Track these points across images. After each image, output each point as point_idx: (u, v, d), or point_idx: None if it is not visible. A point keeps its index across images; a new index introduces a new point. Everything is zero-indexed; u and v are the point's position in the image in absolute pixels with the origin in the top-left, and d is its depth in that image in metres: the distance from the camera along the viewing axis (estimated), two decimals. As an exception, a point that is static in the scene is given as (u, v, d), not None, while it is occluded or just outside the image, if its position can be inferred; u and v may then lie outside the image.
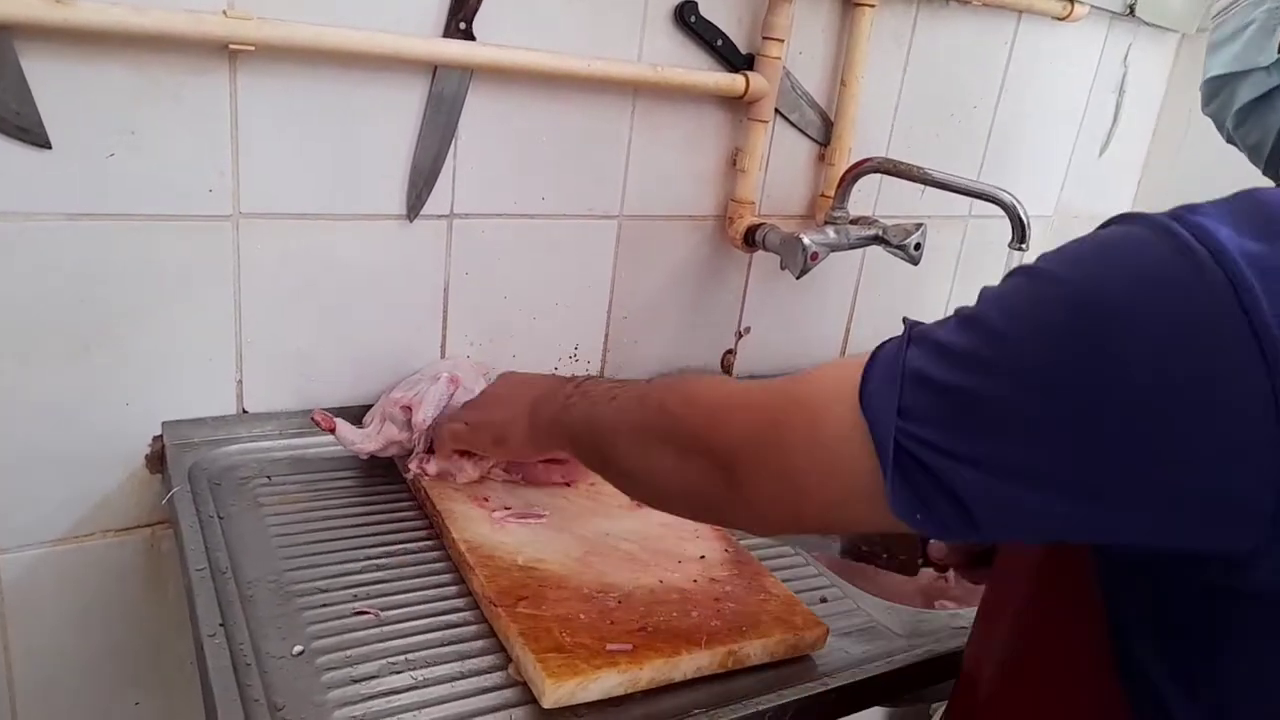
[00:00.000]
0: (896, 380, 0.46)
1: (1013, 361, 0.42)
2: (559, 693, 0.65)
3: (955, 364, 0.44)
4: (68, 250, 0.82)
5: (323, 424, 0.88)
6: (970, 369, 0.43)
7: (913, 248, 1.09)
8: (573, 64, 0.97)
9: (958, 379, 0.44)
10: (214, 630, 0.67)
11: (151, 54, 0.80)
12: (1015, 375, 0.42)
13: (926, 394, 0.45)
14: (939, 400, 0.44)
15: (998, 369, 0.43)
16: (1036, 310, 0.43)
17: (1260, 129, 0.53)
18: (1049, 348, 0.41)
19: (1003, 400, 0.42)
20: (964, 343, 0.45)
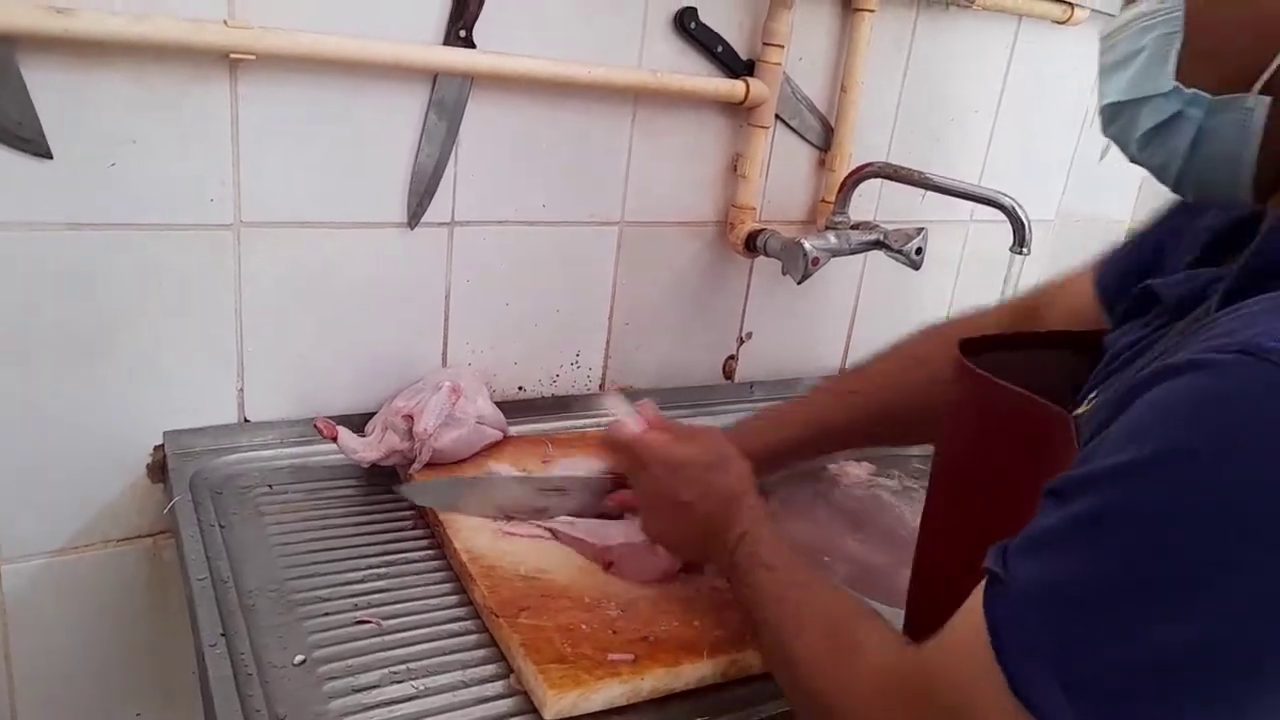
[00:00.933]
0: (1040, 658, 0.42)
1: (1185, 588, 0.39)
2: (561, 704, 0.64)
3: (1110, 608, 0.41)
4: (69, 260, 0.83)
5: (325, 432, 0.88)
6: (1159, 619, 0.40)
7: (914, 252, 1.09)
8: (573, 71, 0.97)
9: (1104, 620, 0.41)
10: (215, 640, 0.67)
11: (152, 64, 0.80)
12: (1190, 606, 0.39)
13: (1078, 656, 0.41)
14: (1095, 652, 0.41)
15: (1169, 601, 0.40)
16: (1183, 511, 0.40)
17: (1164, 152, 0.53)
18: (1215, 552, 0.39)
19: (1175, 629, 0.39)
20: (1102, 581, 0.41)
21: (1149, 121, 0.52)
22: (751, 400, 1.26)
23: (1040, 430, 0.54)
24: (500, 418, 0.97)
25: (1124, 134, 0.55)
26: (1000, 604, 0.45)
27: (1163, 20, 0.51)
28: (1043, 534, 0.44)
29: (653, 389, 1.20)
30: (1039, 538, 0.45)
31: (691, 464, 0.72)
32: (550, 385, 1.13)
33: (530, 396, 1.12)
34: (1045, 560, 0.44)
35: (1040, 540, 0.45)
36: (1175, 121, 0.51)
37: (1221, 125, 0.50)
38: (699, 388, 1.23)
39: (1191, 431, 0.40)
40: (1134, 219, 1.62)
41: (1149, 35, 0.52)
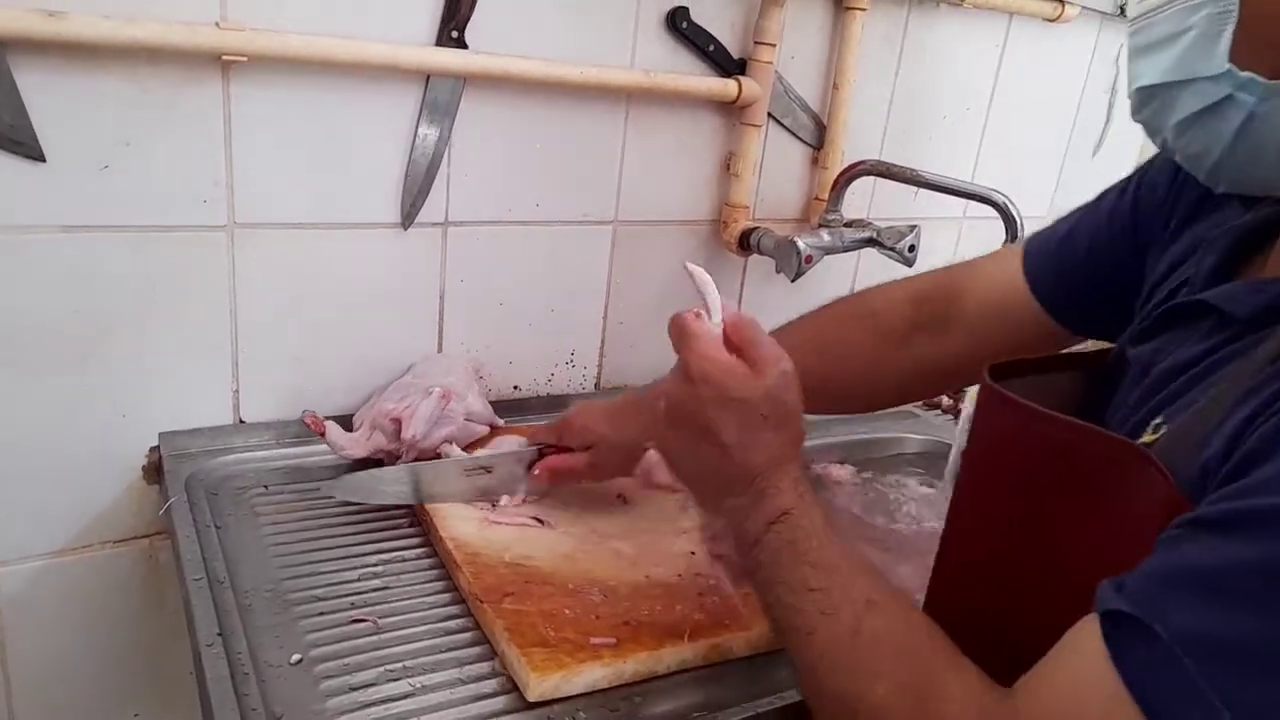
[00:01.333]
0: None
1: None
2: (543, 686, 0.65)
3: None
4: (62, 262, 0.83)
5: (313, 426, 0.88)
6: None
7: (907, 249, 1.10)
8: (565, 71, 0.97)
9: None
10: (212, 640, 0.67)
11: (145, 66, 0.80)
12: None
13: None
14: None
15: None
16: None
17: (1204, 140, 0.50)
18: None
19: None
20: (1275, 635, 0.36)
21: (1192, 105, 0.50)
22: (746, 398, 1.26)
23: (1099, 462, 0.49)
24: (489, 412, 0.97)
25: (1158, 118, 0.53)
26: (1145, 652, 0.39)
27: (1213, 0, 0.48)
28: (1203, 574, 0.39)
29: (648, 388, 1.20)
30: (1197, 577, 0.39)
31: (748, 405, 0.57)
32: (545, 384, 1.14)
33: (525, 396, 1.12)
34: (1215, 607, 0.38)
35: (1200, 581, 0.39)
36: (1223, 106, 0.48)
37: (1275, 111, 0.47)
38: (694, 386, 1.23)
39: None
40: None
41: (1197, 14, 0.49)
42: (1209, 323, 0.54)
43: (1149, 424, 0.53)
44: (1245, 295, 0.52)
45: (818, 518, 0.55)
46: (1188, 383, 0.52)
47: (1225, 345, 0.52)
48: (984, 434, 0.60)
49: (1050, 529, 0.53)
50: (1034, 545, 0.54)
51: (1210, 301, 0.54)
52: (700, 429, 0.58)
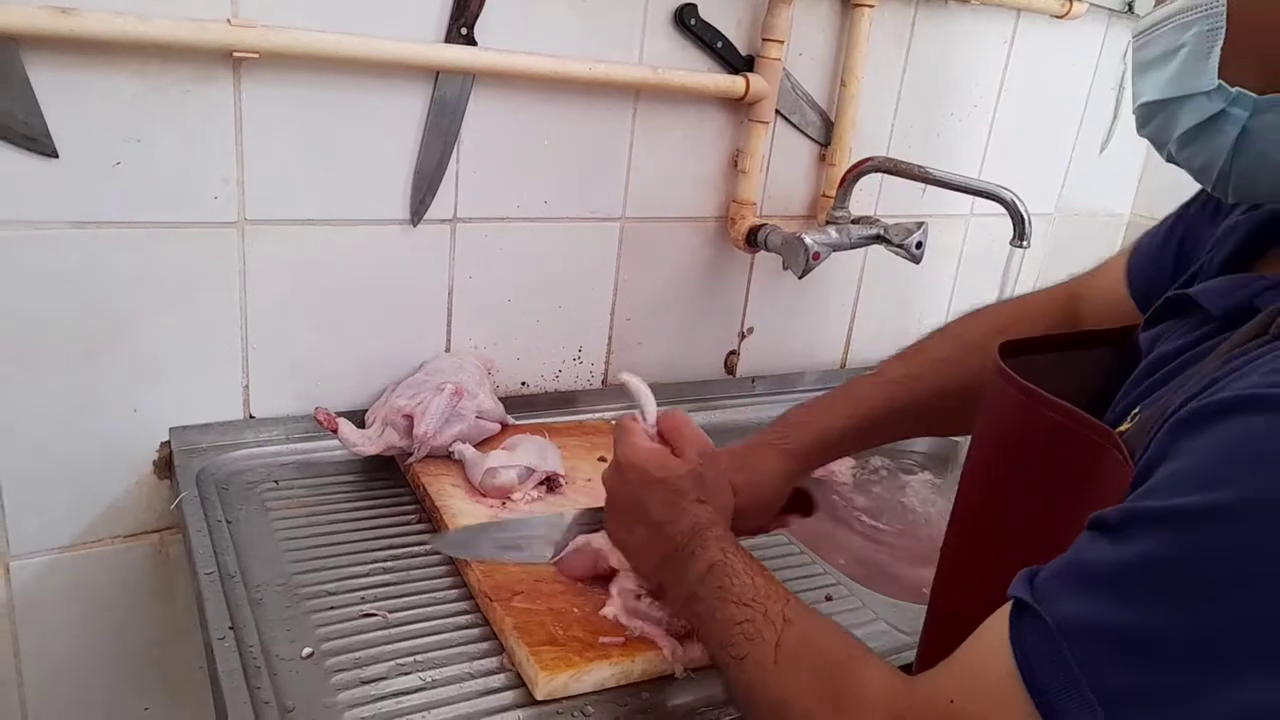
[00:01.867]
0: (1095, 706, 0.39)
1: (1220, 644, 0.37)
2: (552, 684, 0.66)
3: (1155, 660, 0.38)
4: (74, 258, 0.83)
5: (325, 423, 0.88)
6: (1181, 665, 0.38)
7: (914, 246, 1.10)
8: (574, 67, 0.97)
9: (1169, 685, 0.38)
10: (223, 633, 0.68)
11: (156, 63, 0.81)
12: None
13: (1137, 709, 0.39)
14: (1156, 712, 0.38)
15: (1232, 654, 0.37)
16: (1224, 568, 0.38)
17: (1206, 153, 0.51)
18: (1249, 604, 0.37)
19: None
20: (1151, 630, 0.39)
21: (1189, 120, 0.51)
22: (753, 395, 1.26)
23: (1083, 446, 0.52)
24: (500, 410, 0.98)
25: (1161, 133, 0.54)
26: (1034, 637, 0.42)
27: (1202, 16, 0.49)
28: (1092, 570, 0.42)
29: (655, 384, 1.20)
30: (1088, 573, 0.42)
31: (670, 483, 0.68)
32: (553, 380, 1.14)
33: (533, 392, 1.13)
34: (1099, 600, 0.41)
35: (1090, 576, 0.42)
36: (1218, 121, 0.50)
37: (1267, 125, 0.48)
38: (701, 383, 1.24)
39: (1269, 476, 0.38)
40: (1134, 212, 1.63)
41: (1189, 31, 0.50)
42: (1195, 317, 0.55)
43: (1129, 413, 0.54)
44: (1226, 291, 0.53)
45: (739, 565, 0.62)
46: (1165, 376, 0.54)
47: (1203, 340, 0.53)
48: (988, 410, 0.62)
49: (1042, 509, 0.55)
50: (1027, 525, 0.56)
51: (1193, 296, 0.55)
52: (632, 509, 0.69)
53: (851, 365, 1.39)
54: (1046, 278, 1.56)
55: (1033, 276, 1.55)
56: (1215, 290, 0.54)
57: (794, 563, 0.90)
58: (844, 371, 1.38)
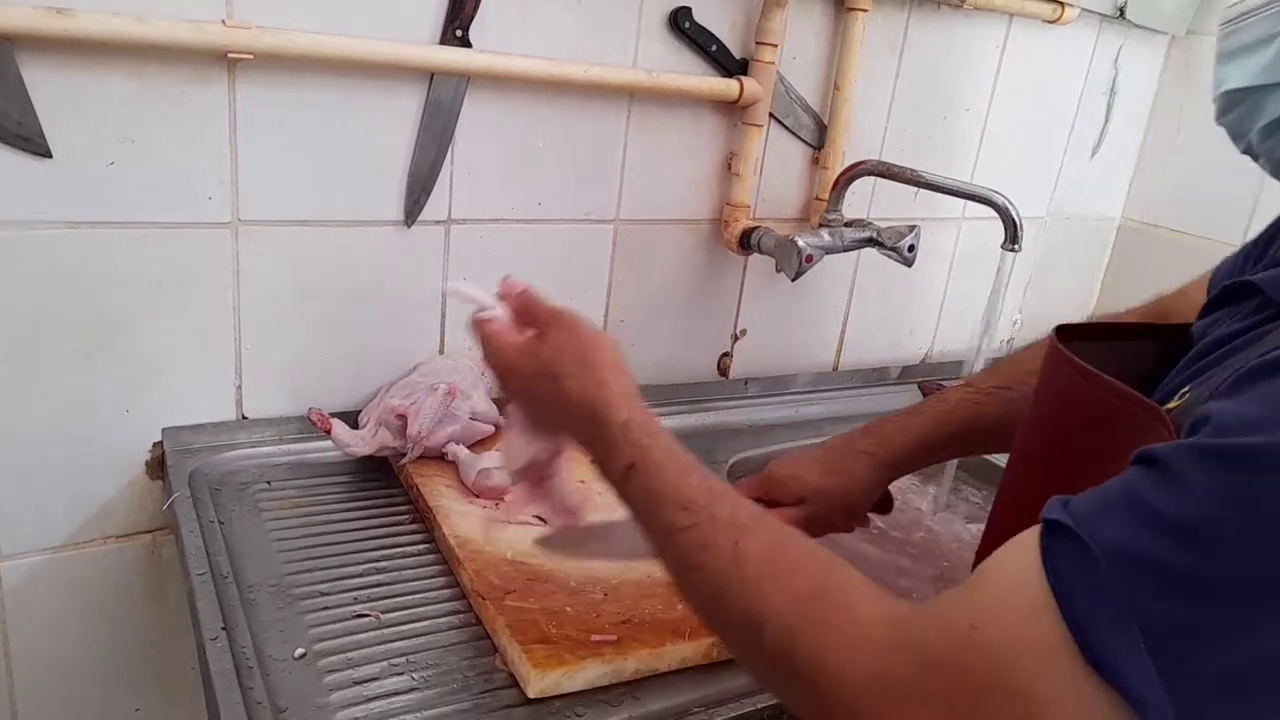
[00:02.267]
0: (1141, 640, 0.37)
1: None
2: (544, 683, 0.66)
3: (1210, 601, 0.36)
4: (68, 258, 0.83)
5: (319, 424, 0.88)
6: (1237, 609, 0.36)
7: (906, 249, 1.10)
8: (568, 70, 0.98)
9: (1225, 629, 0.36)
10: (216, 634, 0.68)
11: (151, 63, 0.81)
12: None
13: (1190, 649, 0.36)
14: (1209, 656, 0.36)
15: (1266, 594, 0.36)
16: None
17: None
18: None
19: None
20: (1208, 569, 0.36)
21: (1276, 110, 0.50)
22: (746, 397, 1.27)
23: (1130, 423, 0.49)
24: (494, 412, 0.98)
25: (1243, 123, 0.53)
26: (1072, 562, 0.39)
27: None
28: (1145, 503, 0.39)
29: (648, 385, 1.21)
30: (1141, 506, 0.39)
31: (546, 369, 0.60)
32: (546, 382, 1.14)
33: (526, 393, 1.13)
34: (1155, 534, 0.38)
35: (1143, 509, 0.39)
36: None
37: None
38: (694, 384, 1.24)
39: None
40: (1125, 216, 1.64)
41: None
42: (1255, 302, 0.54)
43: (1177, 392, 0.53)
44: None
45: (665, 458, 0.55)
46: (1219, 357, 0.52)
47: (1262, 325, 0.52)
48: (1042, 389, 0.60)
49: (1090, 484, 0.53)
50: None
51: (1255, 282, 0.54)
52: (532, 403, 0.63)
53: (844, 368, 1.40)
54: (1038, 282, 1.57)
55: (1024, 280, 1.56)
56: (1273, 276, 0.52)
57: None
58: (836, 374, 1.38)
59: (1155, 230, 1.59)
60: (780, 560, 0.50)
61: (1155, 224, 1.60)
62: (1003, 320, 1.56)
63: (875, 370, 1.41)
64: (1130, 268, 1.63)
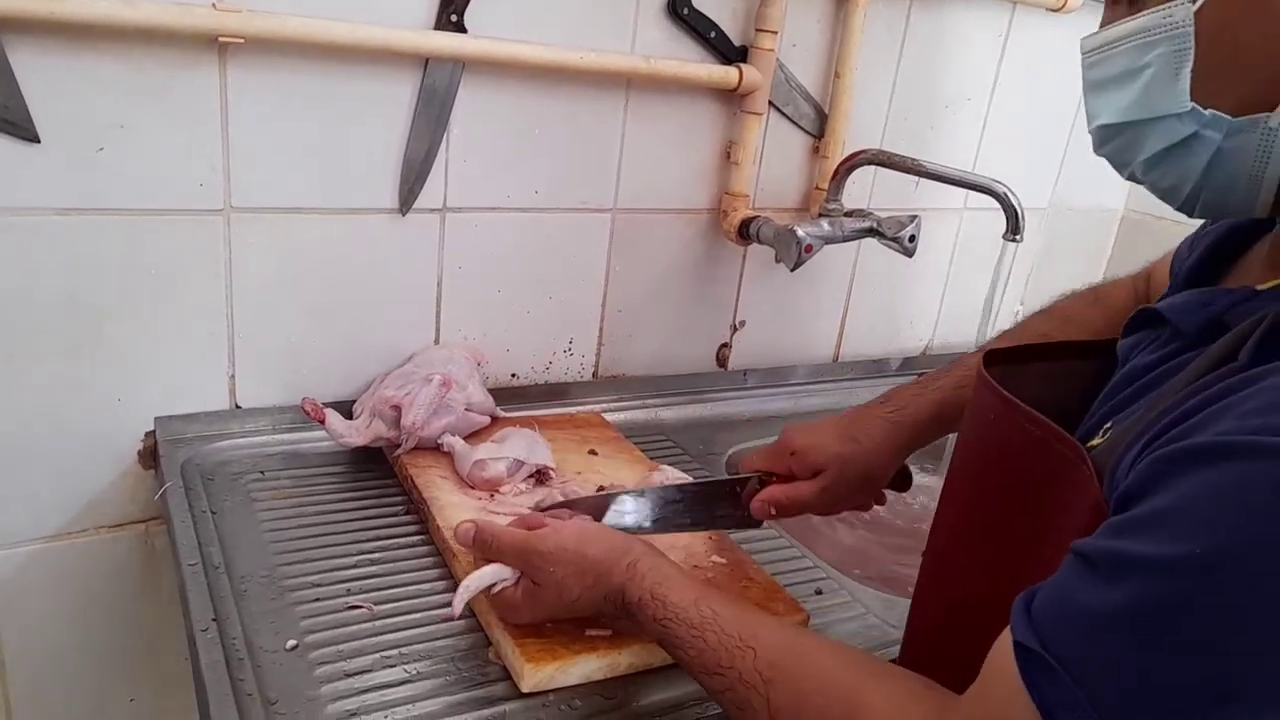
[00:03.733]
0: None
1: (1221, 681, 0.38)
2: (537, 677, 0.65)
3: (1180, 703, 0.39)
4: (57, 245, 0.82)
5: (312, 414, 0.87)
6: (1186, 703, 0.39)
7: (907, 239, 1.09)
8: (565, 56, 0.96)
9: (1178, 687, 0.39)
10: (207, 625, 0.67)
11: (141, 47, 0.80)
12: None
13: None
14: None
15: None
16: (1217, 609, 0.38)
17: (1175, 174, 0.50)
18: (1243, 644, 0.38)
19: None
20: (1160, 670, 0.40)
21: (1159, 144, 0.50)
22: (745, 388, 1.26)
23: (1051, 457, 0.52)
24: (490, 403, 0.97)
25: (1124, 155, 0.53)
26: (1051, 686, 0.42)
27: (1167, 37, 0.48)
28: (1088, 614, 0.42)
29: (646, 376, 1.20)
30: (1083, 616, 0.42)
31: (564, 549, 0.65)
32: (543, 372, 1.13)
33: (523, 384, 1.12)
34: (1100, 643, 0.41)
35: (1086, 619, 0.42)
36: (1190, 143, 0.49)
37: (1242, 146, 0.47)
38: (692, 375, 1.23)
39: (1267, 523, 0.38)
40: (1128, 208, 1.62)
41: (1152, 52, 0.49)
42: (1166, 331, 0.55)
43: (1101, 428, 0.54)
44: (1193, 308, 0.52)
45: (683, 632, 0.59)
46: (1137, 391, 0.53)
47: (1174, 357, 0.53)
48: (972, 416, 0.61)
49: (1017, 513, 0.55)
50: (1004, 527, 0.56)
51: (1161, 311, 0.55)
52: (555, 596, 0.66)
53: (844, 359, 1.39)
54: (1040, 272, 1.56)
55: (1026, 271, 1.55)
56: (1182, 306, 0.53)
57: (784, 556, 0.89)
58: (836, 365, 1.37)
59: (1158, 222, 1.58)
60: (805, 705, 0.52)
61: (1158, 215, 1.58)
62: (1004, 311, 1.55)
63: (875, 361, 1.40)
64: (1132, 259, 1.60)
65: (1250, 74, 0.47)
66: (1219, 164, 0.48)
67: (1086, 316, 0.77)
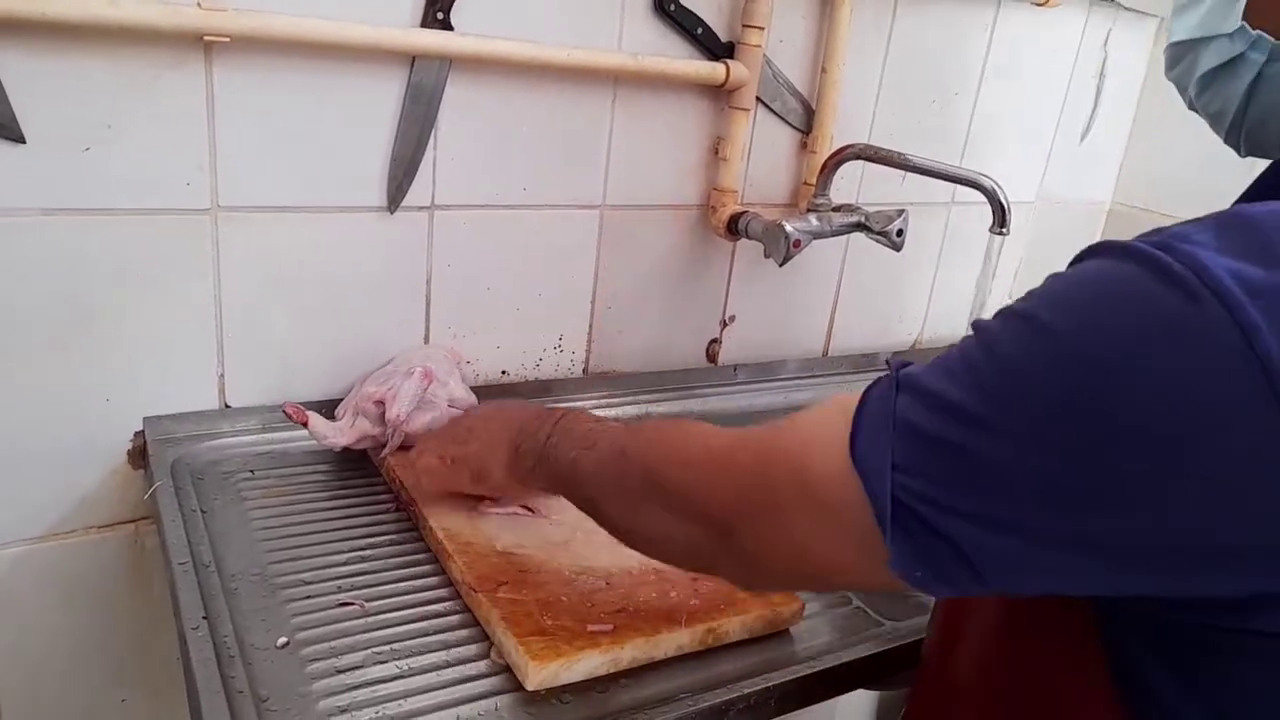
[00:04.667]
0: (889, 431, 0.44)
1: (1004, 420, 0.41)
2: (542, 675, 0.65)
3: (948, 417, 0.42)
4: (44, 246, 0.82)
5: (294, 417, 0.87)
6: (963, 424, 0.42)
7: (895, 234, 1.10)
8: (552, 53, 0.96)
9: (951, 433, 0.42)
10: (197, 623, 0.67)
11: (126, 46, 0.79)
12: (1008, 434, 0.40)
13: (920, 447, 0.43)
14: (933, 454, 0.43)
15: (989, 426, 0.41)
16: (1028, 365, 0.40)
17: (1221, 97, 0.52)
18: (1042, 406, 0.39)
19: (996, 458, 0.41)
20: (956, 395, 0.42)
21: (1210, 62, 0.51)
22: (735, 383, 1.26)
23: None
24: (473, 399, 0.97)
25: (1185, 76, 0.54)
26: (878, 389, 0.47)
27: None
28: (949, 356, 0.46)
29: (636, 372, 1.20)
30: (945, 358, 0.46)
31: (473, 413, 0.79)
32: (533, 369, 1.13)
33: (513, 381, 1.12)
34: (938, 370, 0.45)
35: (947, 359, 0.46)
36: (1236, 64, 0.50)
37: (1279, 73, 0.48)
38: (682, 371, 1.23)
39: (1083, 314, 0.40)
40: (1115, 200, 1.63)
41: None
42: None
43: None
44: None
45: (583, 420, 0.69)
46: None
47: None
48: None
49: None
50: None
51: None
52: (457, 454, 0.79)
53: (834, 353, 1.39)
54: (1028, 266, 1.57)
55: (1014, 264, 1.56)
56: None
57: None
58: (826, 360, 1.38)
59: (1145, 214, 1.59)
60: (657, 438, 0.61)
61: (1145, 208, 1.59)
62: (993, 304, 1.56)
63: (865, 356, 1.40)
64: (1119, 252, 1.62)
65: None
66: (1258, 89, 0.50)
67: None
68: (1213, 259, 0.37)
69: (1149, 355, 0.37)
